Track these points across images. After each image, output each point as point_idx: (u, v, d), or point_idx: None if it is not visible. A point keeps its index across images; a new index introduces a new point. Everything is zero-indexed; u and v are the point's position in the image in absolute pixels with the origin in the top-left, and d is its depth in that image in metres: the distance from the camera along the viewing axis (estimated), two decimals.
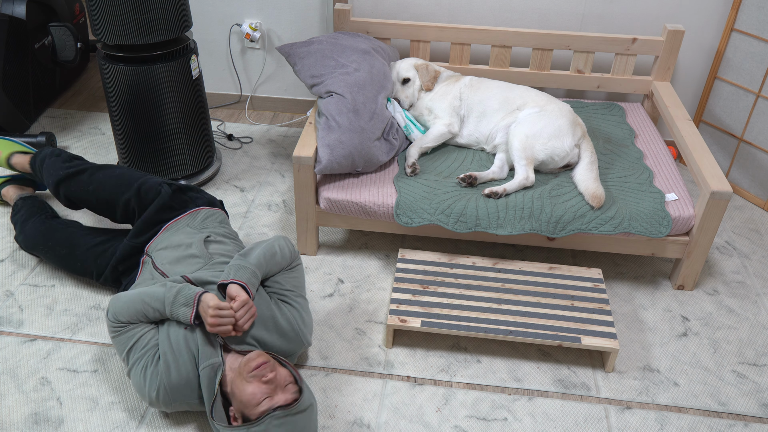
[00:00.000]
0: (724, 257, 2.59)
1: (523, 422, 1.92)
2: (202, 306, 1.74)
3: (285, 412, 1.59)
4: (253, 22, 3.19)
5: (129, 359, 1.79)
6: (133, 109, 2.57)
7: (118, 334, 1.80)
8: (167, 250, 2.01)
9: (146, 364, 1.76)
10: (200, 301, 1.75)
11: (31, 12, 3.08)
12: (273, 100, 3.44)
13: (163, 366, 1.74)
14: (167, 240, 2.06)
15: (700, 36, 2.92)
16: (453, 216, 2.25)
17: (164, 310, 1.77)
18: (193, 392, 1.75)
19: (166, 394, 1.74)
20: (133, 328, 1.80)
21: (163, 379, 1.73)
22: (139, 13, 2.37)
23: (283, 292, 1.93)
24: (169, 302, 1.77)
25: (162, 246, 2.05)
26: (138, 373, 1.76)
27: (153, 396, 1.74)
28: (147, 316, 1.79)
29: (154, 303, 1.78)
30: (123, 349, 1.80)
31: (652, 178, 2.41)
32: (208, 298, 1.74)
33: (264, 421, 1.58)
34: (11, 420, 1.86)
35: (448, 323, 2.07)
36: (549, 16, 2.95)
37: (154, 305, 1.78)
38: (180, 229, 2.10)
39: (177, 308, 1.76)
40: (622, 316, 2.29)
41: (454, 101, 2.54)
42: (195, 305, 1.75)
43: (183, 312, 1.76)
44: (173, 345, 1.75)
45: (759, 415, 1.97)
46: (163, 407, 1.77)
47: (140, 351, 1.78)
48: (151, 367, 1.75)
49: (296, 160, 2.29)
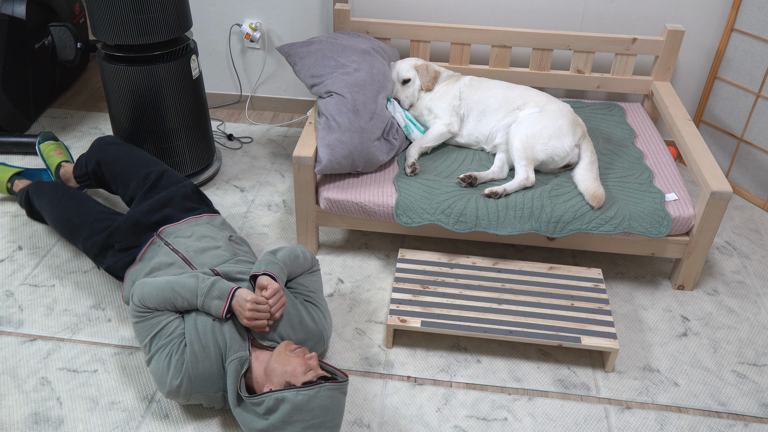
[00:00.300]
0: (724, 257, 2.59)
1: (523, 422, 1.92)
2: (237, 300, 1.77)
3: (336, 386, 1.64)
4: (253, 22, 3.20)
5: (151, 346, 1.78)
6: (133, 109, 2.57)
7: (143, 320, 1.79)
8: (190, 239, 2.03)
9: (171, 352, 1.75)
10: (234, 296, 1.78)
11: (31, 12, 3.08)
12: (273, 100, 3.44)
13: (189, 355, 1.74)
14: (189, 230, 2.08)
15: (700, 36, 2.92)
16: (453, 216, 2.25)
17: (195, 300, 1.79)
18: (215, 384, 1.76)
19: (190, 384, 1.74)
20: (158, 315, 1.79)
21: (188, 369, 1.73)
22: (139, 13, 2.37)
23: (308, 293, 1.99)
24: (202, 293, 1.78)
25: (184, 234, 2.06)
26: (161, 360, 1.75)
27: (175, 384, 1.73)
28: (175, 305, 1.80)
29: (185, 293, 1.79)
30: (146, 335, 1.79)
31: (652, 178, 2.42)
32: (244, 293, 1.77)
33: (316, 387, 1.61)
34: (11, 420, 1.86)
35: (448, 323, 2.07)
36: (549, 16, 2.95)
37: (185, 295, 1.79)
38: (201, 224, 2.13)
39: (210, 300, 1.78)
40: (622, 316, 2.29)
41: (454, 101, 2.54)
42: (229, 299, 1.78)
43: (216, 305, 1.78)
44: (201, 336, 1.76)
45: (759, 415, 1.97)
46: (182, 398, 1.77)
47: (165, 339, 1.77)
48: (176, 355, 1.75)
49: (296, 160, 2.29)
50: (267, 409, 1.63)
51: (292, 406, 1.60)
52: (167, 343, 1.77)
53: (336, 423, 1.65)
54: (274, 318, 1.79)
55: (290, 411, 1.60)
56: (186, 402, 1.81)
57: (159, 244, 2.05)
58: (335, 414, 1.64)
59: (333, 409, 1.63)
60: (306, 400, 1.60)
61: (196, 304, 1.79)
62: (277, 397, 1.61)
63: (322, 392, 1.61)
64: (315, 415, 1.60)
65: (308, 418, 1.60)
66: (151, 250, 2.05)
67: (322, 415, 1.61)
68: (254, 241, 2.57)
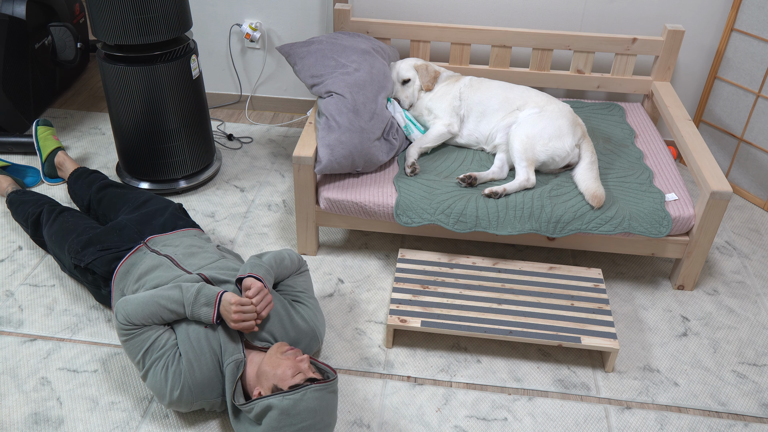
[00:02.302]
0: (724, 257, 2.59)
1: (523, 422, 1.92)
2: (223, 305, 1.77)
3: (322, 387, 1.63)
4: (253, 22, 3.19)
5: (145, 361, 1.77)
6: (133, 109, 2.57)
7: (131, 337, 1.78)
8: (179, 248, 2.04)
9: (167, 364, 1.75)
10: (221, 301, 1.78)
11: (31, 12, 3.08)
12: (273, 100, 3.44)
13: (186, 365, 1.74)
14: (177, 240, 2.09)
15: (700, 36, 2.92)
16: (453, 216, 2.25)
17: (183, 311, 1.78)
18: (214, 390, 1.76)
19: (190, 393, 1.74)
20: (146, 331, 1.78)
21: (187, 379, 1.73)
22: (139, 13, 2.37)
23: (295, 293, 2.00)
24: (189, 303, 1.78)
25: (172, 244, 2.07)
26: (158, 373, 1.75)
27: (175, 395, 1.73)
28: (162, 318, 1.78)
29: (171, 305, 1.78)
30: (138, 351, 1.77)
31: (652, 178, 2.41)
32: (229, 296, 1.77)
33: (302, 390, 1.61)
34: (11, 420, 1.86)
35: (448, 323, 2.07)
36: (549, 16, 2.95)
37: (171, 307, 1.78)
38: (189, 236, 2.15)
39: (198, 309, 1.77)
40: (622, 316, 2.29)
41: (454, 101, 2.54)
42: (217, 304, 1.77)
43: (205, 312, 1.78)
44: (194, 344, 1.76)
45: (759, 415, 1.97)
46: (184, 407, 1.77)
47: (158, 351, 1.76)
48: (173, 366, 1.74)
49: (296, 160, 2.29)
50: (256, 416, 1.64)
51: (279, 412, 1.59)
52: (161, 356, 1.76)
53: (327, 423, 1.64)
54: (261, 317, 1.78)
55: (278, 416, 1.59)
56: (189, 410, 1.81)
57: (145, 252, 2.05)
58: (324, 415, 1.63)
59: (321, 410, 1.62)
60: (291, 404, 1.59)
61: (185, 314, 1.79)
62: (264, 404, 1.61)
63: (308, 395, 1.61)
64: (303, 418, 1.59)
65: (296, 422, 1.59)
66: (136, 256, 2.04)
67: (310, 417, 1.60)
68: (254, 241, 2.57)
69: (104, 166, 2.98)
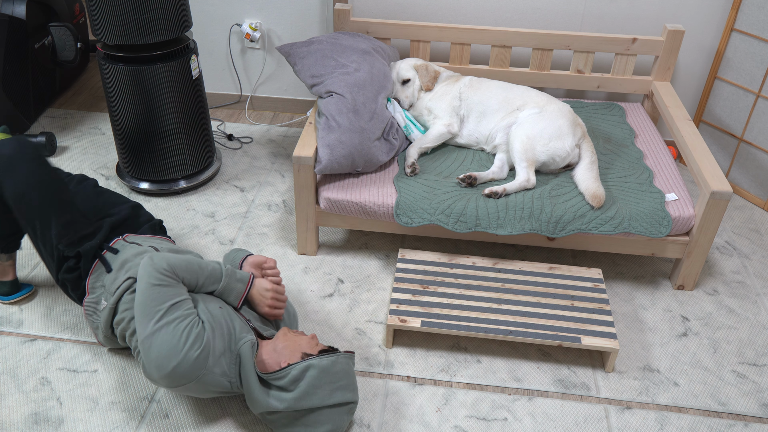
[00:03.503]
0: (724, 257, 2.59)
1: (523, 422, 1.92)
2: (257, 289, 1.86)
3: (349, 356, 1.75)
4: (253, 22, 3.20)
5: (168, 314, 1.68)
6: (133, 109, 2.57)
7: (166, 285, 1.71)
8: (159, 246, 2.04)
9: (192, 324, 1.69)
10: (254, 284, 1.87)
11: (31, 12, 3.08)
12: (273, 100, 3.44)
13: (209, 331, 1.72)
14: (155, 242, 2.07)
15: (700, 36, 2.92)
16: (453, 216, 2.25)
17: (219, 279, 1.84)
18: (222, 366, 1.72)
19: (205, 359, 1.68)
20: (181, 287, 1.75)
21: (209, 342, 1.69)
22: (139, 13, 2.37)
23: None
24: (227, 274, 1.85)
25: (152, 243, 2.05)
26: (178, 330, 1.66)
27: (192, 355, 1.65)
28: (198, 280, 1.81)
29: (209, 270, 1.83)
30: (163, 300, 1.69)
31: (652, 178, 2.41)
32: (263, 282, 1.86)
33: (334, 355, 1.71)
34: (11, 420, 1.86)
35: (448, 323, 2.07)
36: (549, 16, 2.95)
37: (209, 272, 1.83)
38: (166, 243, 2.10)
39: (234, 282, 1.86)
40: (622, 316, 2.29)
41: (454, 101, 2.54)
42: (248, 286, 1.87)
43: (238, 287, 1.85)
44: (214, 318, 1.77)
45: (759, 415, 1.97)
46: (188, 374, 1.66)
47: (184, 310, 1.70)
48: (197, 328, 1.69)
49: (296, 160, 2.29)
50: (293, 380, 1.67)
51: (319, 371, 1.67)
52: (187, 315, 1.70)
53: (355, 388, 1.75)
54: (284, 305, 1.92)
55: (318, 374, 1.67)
56: (185, 382, 1.68)
57: (124, 245, 1.99)
58: (353, 380, 1.74)
59: (351, 375, 1.74)
60: (330, 364, 1.69)
61: (218, 283, 1.84)
62: (302, 366, 1.68)
63: (341, 358, 1.72)
64: (340, 377, 1.70)
65: (335, 380, 1.69)
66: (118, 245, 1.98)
67: (345, 378, 1.71)
68: (254, 241, 2.57)
69: (104, 166, 2.98)
